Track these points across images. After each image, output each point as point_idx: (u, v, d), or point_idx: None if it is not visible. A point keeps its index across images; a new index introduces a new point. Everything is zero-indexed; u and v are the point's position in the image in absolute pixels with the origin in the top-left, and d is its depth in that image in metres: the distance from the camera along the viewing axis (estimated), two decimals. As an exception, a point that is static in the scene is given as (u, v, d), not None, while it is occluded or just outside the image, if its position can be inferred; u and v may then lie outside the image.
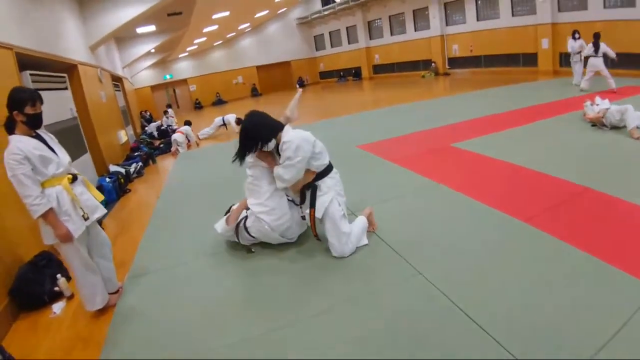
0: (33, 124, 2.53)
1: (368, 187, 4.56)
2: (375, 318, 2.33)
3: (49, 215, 2.46)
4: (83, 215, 2.64)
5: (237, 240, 3.42)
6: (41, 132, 2.65)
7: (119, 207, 5.72)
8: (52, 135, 2.76)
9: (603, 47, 8.40)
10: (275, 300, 2.69)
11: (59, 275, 3.20)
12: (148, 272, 3.34)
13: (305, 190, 3.12)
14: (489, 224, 3.32)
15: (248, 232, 3.30)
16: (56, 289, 3.18)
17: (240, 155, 3.07)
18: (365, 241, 3.16)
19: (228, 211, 3.53)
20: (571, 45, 9.43)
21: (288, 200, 3.26)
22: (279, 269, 3.09)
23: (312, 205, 3.01)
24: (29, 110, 2.43)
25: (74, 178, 2.69)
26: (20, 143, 2.43)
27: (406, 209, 3.90)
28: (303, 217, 3.27)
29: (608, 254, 2.62)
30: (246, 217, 3.30)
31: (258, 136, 2.98)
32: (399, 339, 2.13)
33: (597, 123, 5.69)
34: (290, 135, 2.96)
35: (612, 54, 8.29)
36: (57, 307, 3.04)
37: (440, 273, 2.67)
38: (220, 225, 3.44)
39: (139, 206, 5.76)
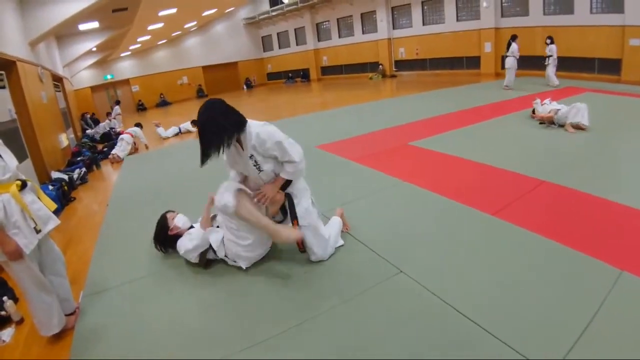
0: None
1: (335, 187, 4.53)
2: (367, 321, 2.28)
3: None
4: (35, 228, 2.30)
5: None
6: None
7: (64, 218, 5.24)
8: None
9: (513, 46, 9.88)
10: (253, 312, 2.52)
11: (5, 298, 2.81)
12: (106, 289, 3.03)
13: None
14: (457, 218, 3.43)
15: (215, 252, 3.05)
16: (2, 313, 2.79)
17: (205, 155, 2.48)
18: (341, 242, 3.11)
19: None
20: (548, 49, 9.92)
21: None
22: (252, 278, 2.92)
23: (294, 217, 2.79)
24: None
25: (24, 185, 2.33)
26: None
27: (376, 206, 3.91)
28: None
29: (572, 241, 2.82)
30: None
31: (222, 129, 2.44)
32: (393, 341, 2.10)
33: (547, 121, 6.06)
34: (258, 129, 2.56)
35: (516, 54, 10.01)
36: (6, 334, 2.67)
37: (419, 269, 2.70)
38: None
39: (87, 216, 5.32)
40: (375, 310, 2.37)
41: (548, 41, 9.81)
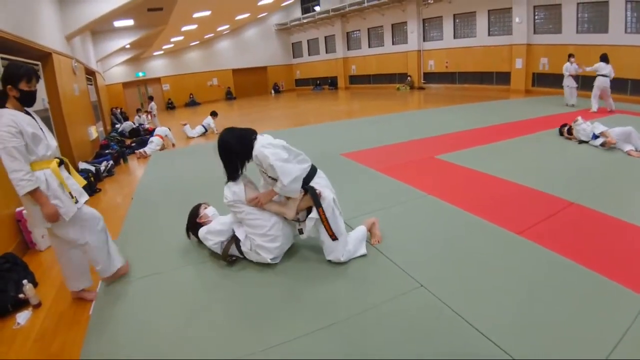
0: (26, 101, 2.47)
1: (359, 196, 4.46)
2: (384, 332, 2.21)
3: (37, 192, 2.38)
4: (72, 200, 2.56)
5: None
6: (30, 112, 2.56)
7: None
8: (39, 118, 2.63)
9: (566, 66, 9.86)
10: (267, 315, 2.48)
11: (25, 281, 2.86)
12: (125, 281, 3.04)
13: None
14: (482, 236, 3.32)
15: (239, 249, 3.08)
16: (21, 296, 2.84)
17: (232, 173, 2.97)
18: (363, 251, 3.03)
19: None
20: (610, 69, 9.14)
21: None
22: (270, 280, 2.89)
23: (319, 205, 2.79)
24: (23, 86, 2.39)
25: (61, 162, 2.61)
26: (14, 117, 2.35)
27: (400, 218, 3.82)
28: (300, 231, 3.00)
29: (599, 265, 2.70)
30: (238, 239, 3.05)
31: (234, 151, 2.87)
32: (408, 354, 2.02)
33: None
34: (257, 149, 2.79)
35: (570, 72, 9.93)
36: (22, 317, 2.70)
37: (440, 284, 2.62)
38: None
39: (111, 207, 5.41)
40: (393, 322, 2.30)
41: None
